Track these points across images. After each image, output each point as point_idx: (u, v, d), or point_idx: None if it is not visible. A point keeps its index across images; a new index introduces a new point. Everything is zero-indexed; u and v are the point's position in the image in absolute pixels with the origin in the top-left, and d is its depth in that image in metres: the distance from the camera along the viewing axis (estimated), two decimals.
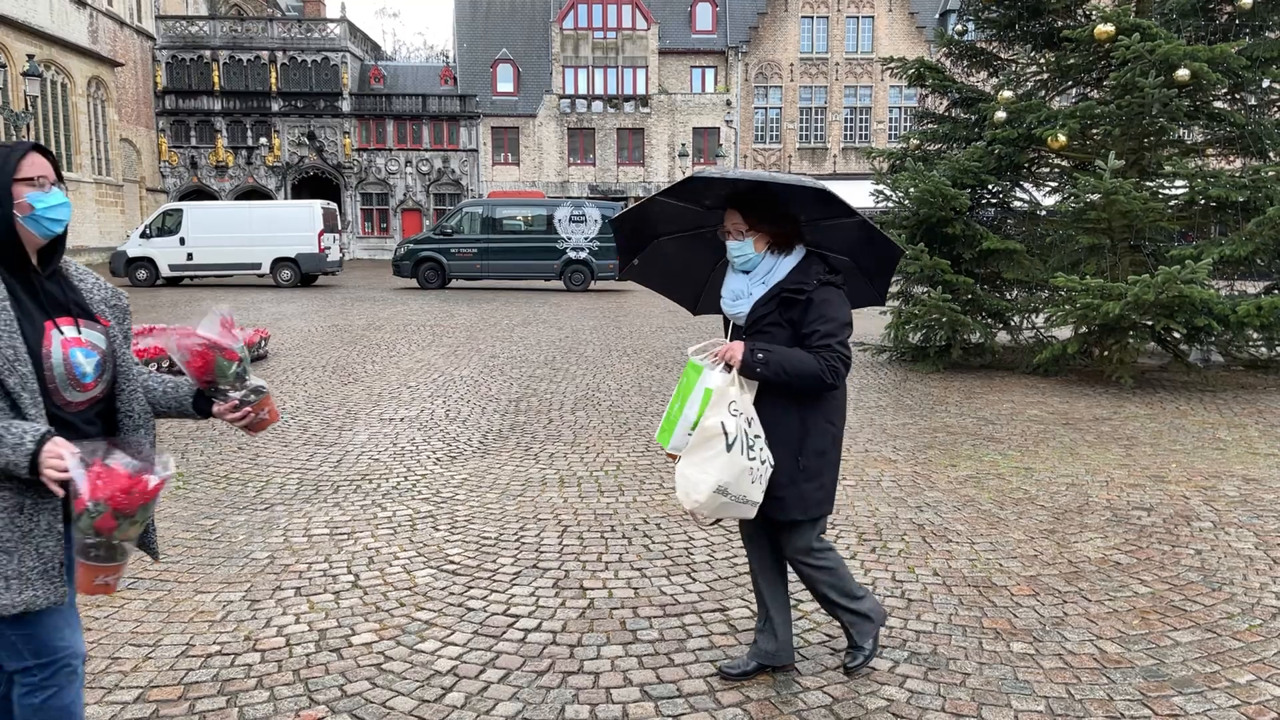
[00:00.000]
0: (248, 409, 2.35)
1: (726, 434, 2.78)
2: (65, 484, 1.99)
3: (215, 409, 2.34)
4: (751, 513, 2.92)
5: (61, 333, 2.11)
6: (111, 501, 1.99)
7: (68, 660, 2.18)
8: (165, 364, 9.73)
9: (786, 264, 3.00)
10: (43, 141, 31.13)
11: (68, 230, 2.20)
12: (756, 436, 2.88)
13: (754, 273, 3.03)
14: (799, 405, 2.96)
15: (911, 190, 10.32)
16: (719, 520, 3.44)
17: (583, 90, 41.76)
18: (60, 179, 2.18)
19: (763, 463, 2.87)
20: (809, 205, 3.01)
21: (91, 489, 1.98)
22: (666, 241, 3.37)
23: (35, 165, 2.10)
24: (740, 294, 3.05)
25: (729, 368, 2.90)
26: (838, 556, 3.21)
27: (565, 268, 23.77)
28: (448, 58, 54.78)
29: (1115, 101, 9.77)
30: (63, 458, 1.97)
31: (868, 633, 3.26)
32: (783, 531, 3.10)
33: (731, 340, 3.02)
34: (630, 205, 3.27)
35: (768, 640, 3.25)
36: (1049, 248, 11.18)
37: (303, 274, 24.84)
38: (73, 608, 2.23)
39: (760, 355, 2.86)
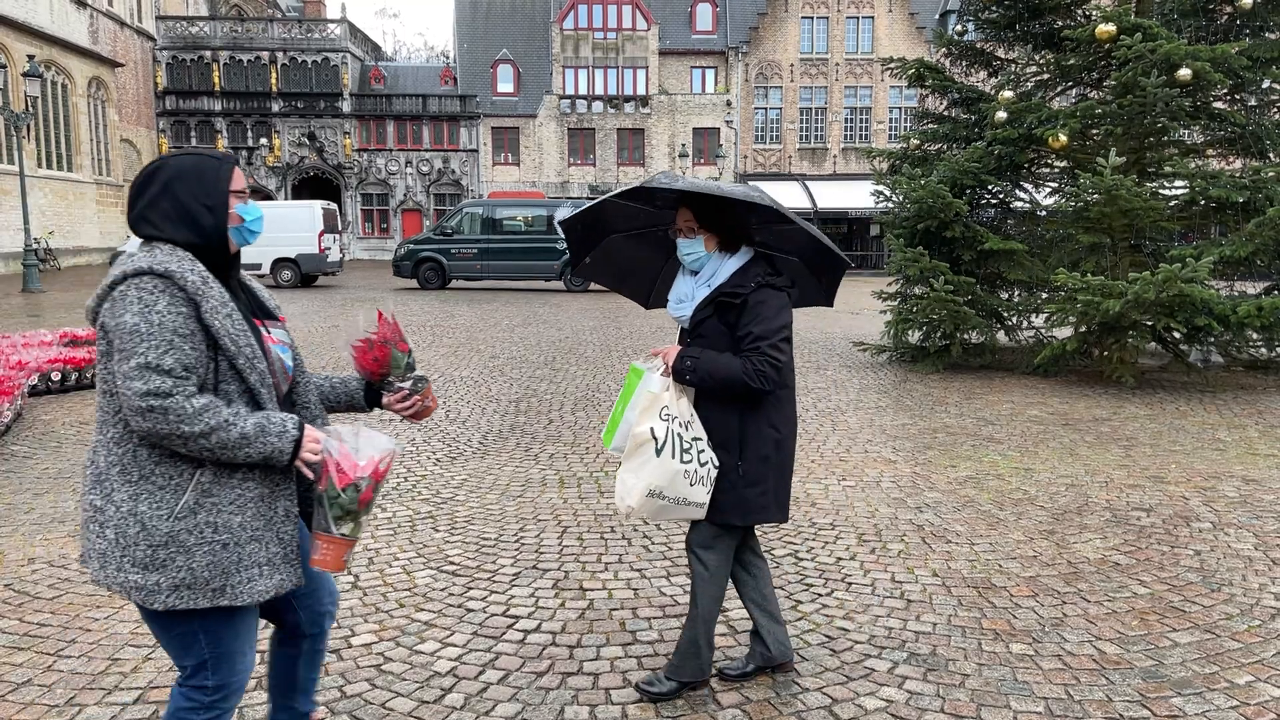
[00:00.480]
0: (416, 397, 2.51)
1: (655, 439, 2.83)
2: (311, 466, 2.16)
3: (385, 400, 2.51)
4: (700, 513, 2.94)
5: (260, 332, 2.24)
6: (374, 476, 2.21)
7: (240, 684, 2.25)
8: None
9: (730, 266, 3.00)
10: (43, 142, 31.17)
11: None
12: (695, 439, 2.89)
13: (700, 274, 3.04)
14: (738, 409, 2.95)
15: (910, 194, 10.33)
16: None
17: (583, 90, 41.77)
18: None
19: (703, 464, 2.88)
20: (761, 209, 3.00)
21: (353, 465, 2.18)
22: (619, 238, 3.37)
23: (239, 178, 2.21)
24: (684, 297, 3.07)
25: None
26: (723, 589, 3.09)
27: (565, 268, 23.75)
28: (448, 58, 54.81)
29: (1116, 101, 9.77)
30: (318, 441, 2.16)
31: (682, 674, 3.13)
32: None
33: (680, 342, 3.05)
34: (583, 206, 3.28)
35: (762, 642, 3.25)
36: (1049, 247, 11.18)
37: (303, 274, 24.83)
38: (255, 631, 2.30)
39: (689, 362, 2.88)
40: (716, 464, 2.93)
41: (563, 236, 3.29)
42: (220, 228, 2.15)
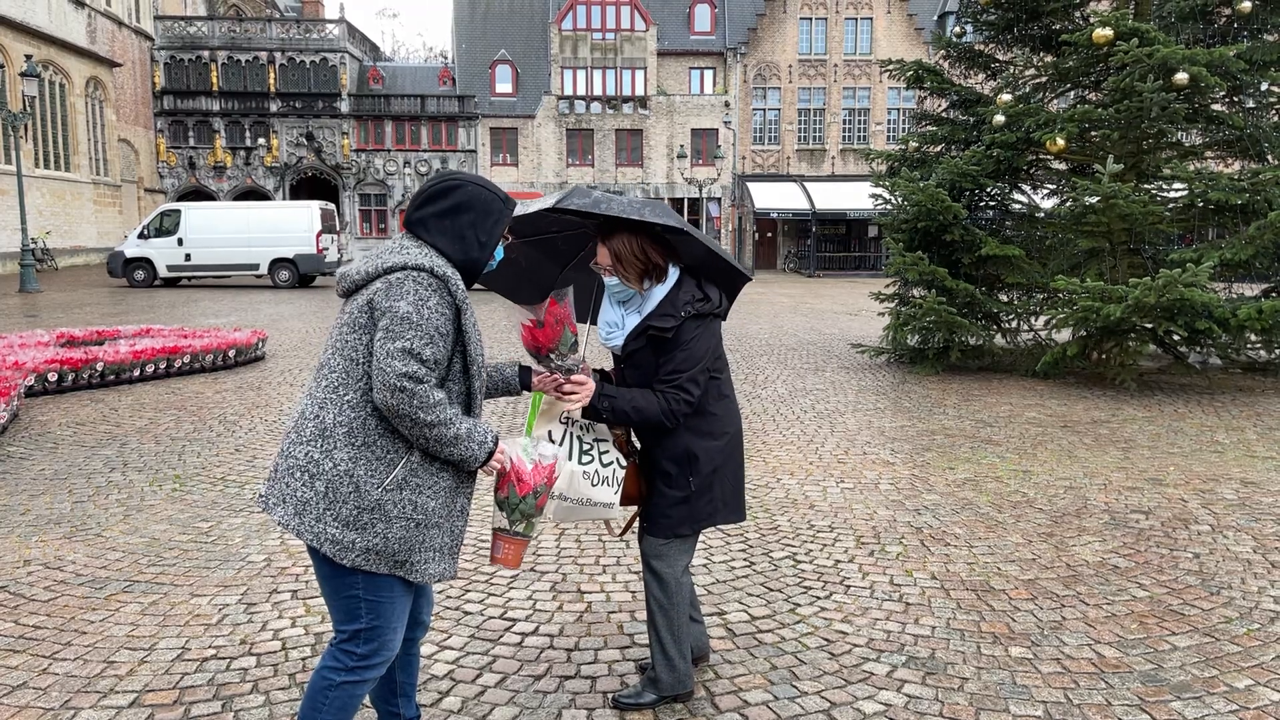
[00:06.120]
0: (576, 376, 2.69)
1: (552, 442, 2.81)
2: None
3: (536, 380, 2.73)
4: (610, 513, 2.92)
5: None
6: (549, 483, 2.50)
7: (384, 660, 2.40)
8: (162, 366, 9.71)
9: (659, 291, 2.91)
10: (40, 142, 31.12)
11: None
12: (597, 440, 2.89)
13: (630, 302, 2.97)
14: (686, 428, 2.91)
15: (909, 196, 10.33)
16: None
17: (581, 91, 41.74)
18: None
19: (605, 465, 2.87)
20: (662, 225, 2.88)
21: (535, 473, 2.48)
22: (518, 244, 3.17)
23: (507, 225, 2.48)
24: (614, 325, 3.00)
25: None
26: (682, 597, 3.02)
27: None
28: (446, 58, 54.81)
29: (1114, 105, 9.77)
30: (504, 451, 2.43)
31: (660, 689, 3.09)
32: (647, 528, 3.03)
33: (615, 365, 3.05)
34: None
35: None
36: (1048, 251, 11.19)
37: (300, 275, 24.85)
38: (406, 617, 2.46)
39: (605, 403, 2.81)
40: (624, 463, 2.92)
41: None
42: (483, 261, 2.41)
